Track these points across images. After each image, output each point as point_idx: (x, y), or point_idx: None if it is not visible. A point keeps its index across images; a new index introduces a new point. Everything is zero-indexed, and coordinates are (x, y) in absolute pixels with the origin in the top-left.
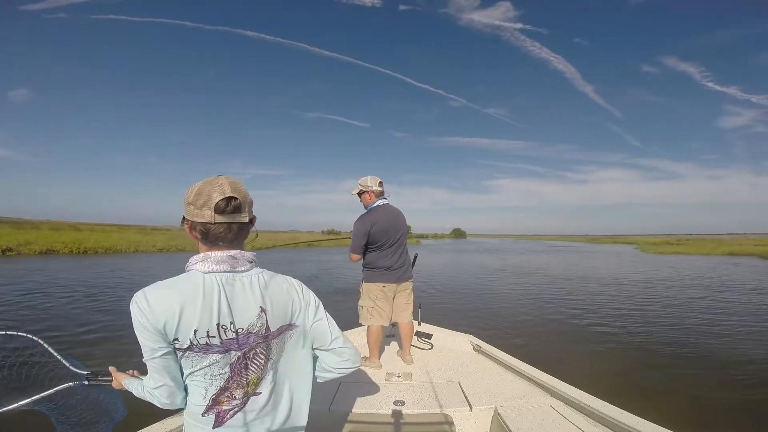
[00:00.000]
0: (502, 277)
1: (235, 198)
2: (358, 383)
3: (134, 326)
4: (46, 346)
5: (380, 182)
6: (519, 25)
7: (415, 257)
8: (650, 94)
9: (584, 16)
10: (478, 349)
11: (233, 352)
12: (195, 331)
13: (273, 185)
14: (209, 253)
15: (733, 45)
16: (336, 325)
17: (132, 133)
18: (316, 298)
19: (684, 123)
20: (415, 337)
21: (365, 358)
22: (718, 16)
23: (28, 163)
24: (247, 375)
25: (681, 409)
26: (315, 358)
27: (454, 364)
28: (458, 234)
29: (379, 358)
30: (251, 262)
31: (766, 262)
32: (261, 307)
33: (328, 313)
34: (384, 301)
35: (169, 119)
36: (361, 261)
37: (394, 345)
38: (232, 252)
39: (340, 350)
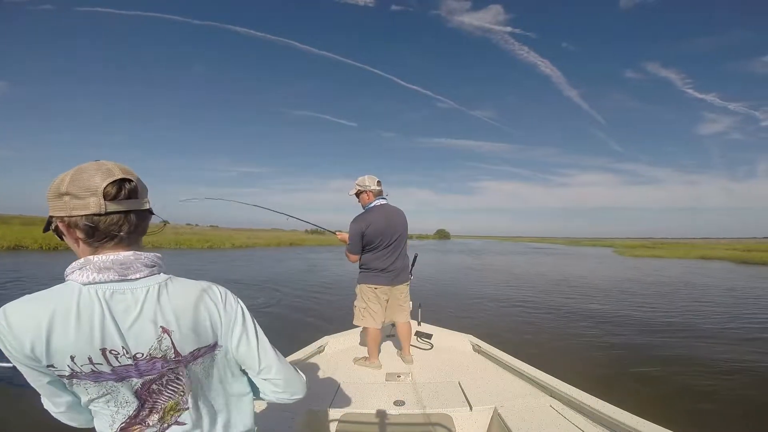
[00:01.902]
0: (475, 274)
1: (130, 180)
2: (358, 383)
3: None
4: None
5: (378, 181)
6: (509, 29)
7: (415, 257)
8: (632, 99)
9: (573, 20)
10: (477, 349)
11: (135, 380)
12: (72, 358)
13: (258, 183)
14: (91, 257)
15: (713, 52)
16: (269, 348)
17: (114, 128)
18: (245, 312)
19: (664, 128)
20: (415, 337)
21: (365, 358)
22: (702, 22)
23: (4, 157)
24: (159, 402)
25: (667, 404)
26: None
27: (453, 364)
28: (442, 235)
29: (379, 358)
30: (152, 266)
31: (735, 266)
32: (162, 326)
33: (259, 331)
34: (376, 303)
35: (152, 115)
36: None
37: (393, 345)
38: (124, 254)
39: (274, 381)
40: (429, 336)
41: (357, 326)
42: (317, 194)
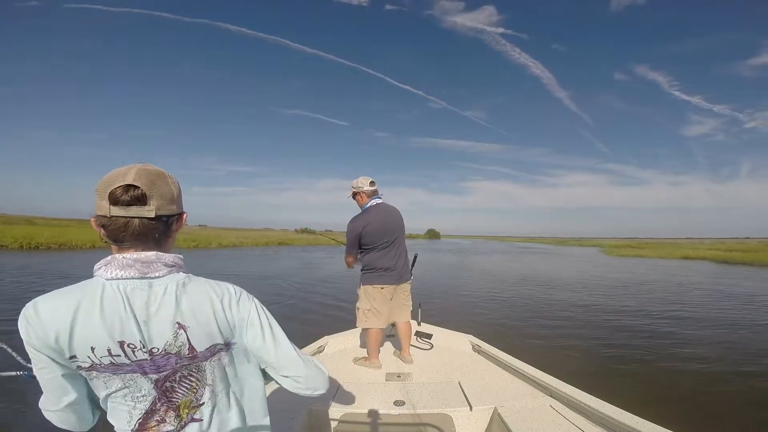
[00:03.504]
0: (457, 272)
1: (136, 187)
2: (358, 383)
3: (24, 341)
4: None
5: (371, 182)
6: (501, 30)
7: (415, 257)
8: (620, 101)
9: (564, 22)
10: (477, 349)
11: (151, 375)
12: (93, 349)
13: (247, 182)
14: (115, 255)
15: (700, 54)
16: (288, 345)
17: (98, 126)
18: (260, 310)
19: (651, 130)
20: (415, 337)
21: (365, 358)
22: (689, 24)
23: None
24: (174, 398)
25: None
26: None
27: (453, 364)
28: (432, 234)
29: (379, 359)
30: (172, 266)
31: (716, 266)
32: (177, 322)
33: (277, 328)
34: (382, 303)
35: (139, 113)
36: (359, 264)
37: (393, 345)
38: (146, 254)
39: (294, 377)
40: (429, 336)
41: (355, 327)
42: (308, 194)
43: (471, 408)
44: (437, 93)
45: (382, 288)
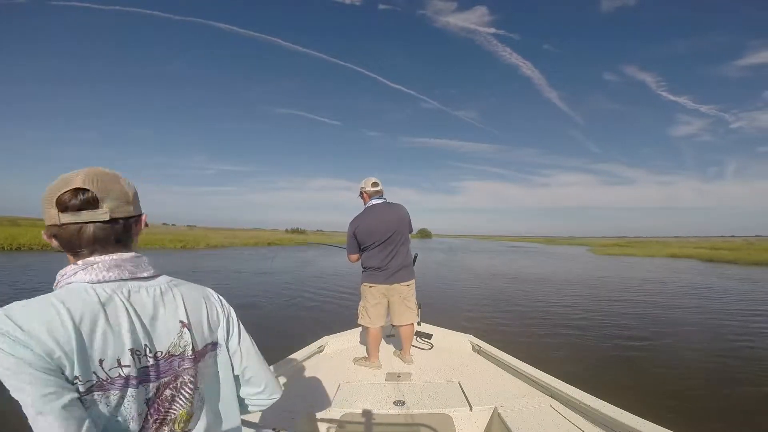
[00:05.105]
0: (445, 270)
1: (85, 190)
2: (358, 383)
3: (3, 368)
4: None
5: (374, 182)
6: (492, 30)
7: (415, 257)
8: (610, 101)
9: (555, 22)
10: (477, 349)
11: (152, 383)
12: (101, 362)
13: (237, 181)
14: (91, 258)
15: (688, 55)
16: (253, 348)
17: (86, 125)
18: (235, 314)
19: (639, 130)
20: (415, 337)
21: (365, 358)
22: (678, 25)
23: None
24: (172, 410)
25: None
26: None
27: (453, 364)
28: (424, 234)
29: (379, 359)
30: (154, 267)
31: (702, 264)
32: (181, 321)
33: (246, 332)
34: (374, 302)
35: (127, 111)
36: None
37: (394, 345)
38: (128, 254)
39: (255, 381)
40: (429, 336)
41: (357, 326)
42: (299, 193)
43: (471, 408)
44: (429, 93)
45: (371, 287)
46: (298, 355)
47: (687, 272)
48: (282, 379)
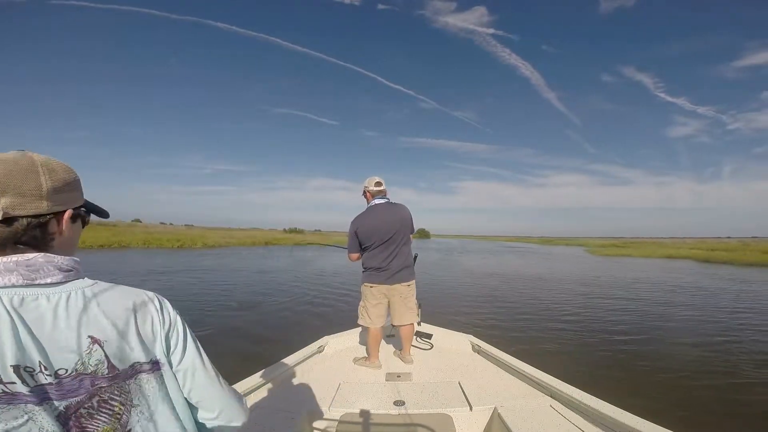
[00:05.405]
0: (438, 269)
1: None
2: (358, 383)
3: None
4: None
5: (377, 182)
6: (491, 30)
7: (415, 257)
8: (607, 102)
9: (554, 23)
10: (477, 349)
11: (57, 402)
12: None
13: (235, 181)
14: None
15: (685, 56)
16: (204, 366)
17: (81, 124)
18: (185, 325)
19: (636, 131)
20: (415, 337)
21: (365, 358)
22: (676, 25)
23: None
24: (92, 428)
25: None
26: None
27: (453, 364)
28: (422, 234)
29: (379, 359)
30: (68, 271)
31: (698, 265)
32: (90, 336)
33: (198, 346)
34: (374, 302)
35: (123, 110)
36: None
37: (394, 345)
38: (31, 255)
39: (206, 405)
40: (429, 336)
41: (357, 326)
42: (297, 193)
43: (471, 408)
44: (428, 93)
45: (371, 287)
46: (297, 355)
47: (683, 273)
48: (282, 380)
